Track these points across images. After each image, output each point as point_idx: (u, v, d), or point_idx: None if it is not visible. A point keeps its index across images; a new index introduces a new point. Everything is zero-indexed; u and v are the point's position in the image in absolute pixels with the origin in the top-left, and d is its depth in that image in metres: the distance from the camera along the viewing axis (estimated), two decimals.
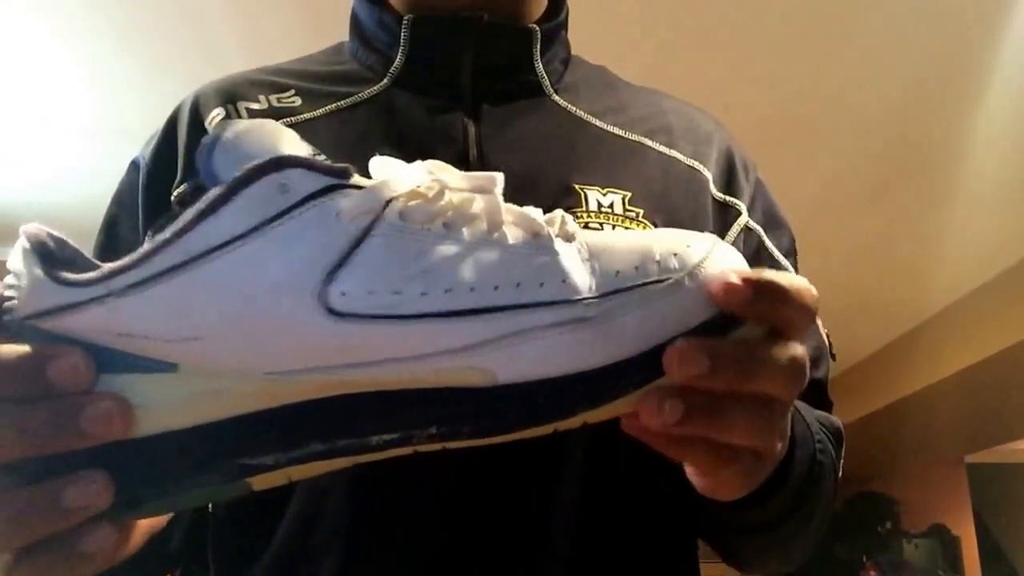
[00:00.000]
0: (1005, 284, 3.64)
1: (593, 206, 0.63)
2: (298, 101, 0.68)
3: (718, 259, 0.38)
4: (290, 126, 0.64)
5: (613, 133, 0.71)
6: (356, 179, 0.38)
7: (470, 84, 0.69)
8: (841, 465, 0.67)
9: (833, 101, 2.56)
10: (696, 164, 0.72)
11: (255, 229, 0.35)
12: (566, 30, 0.78)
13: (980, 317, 3.81)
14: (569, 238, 0.39)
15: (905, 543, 5.43)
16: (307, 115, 0.68)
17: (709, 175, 0.72)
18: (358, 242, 0.36)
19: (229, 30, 2.25)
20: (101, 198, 0.71)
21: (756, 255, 0.73)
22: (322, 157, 0.39)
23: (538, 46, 0.72)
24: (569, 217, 0.41)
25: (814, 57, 2.38)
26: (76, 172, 2.94)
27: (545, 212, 0.41)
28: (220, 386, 0.36)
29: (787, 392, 0.41)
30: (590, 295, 0.37)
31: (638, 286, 0.37)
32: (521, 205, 0.40)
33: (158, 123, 0.72)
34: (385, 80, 0.70)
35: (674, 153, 0.71)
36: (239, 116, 0.67)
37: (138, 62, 2.38)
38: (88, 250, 0.40)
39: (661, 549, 0.63)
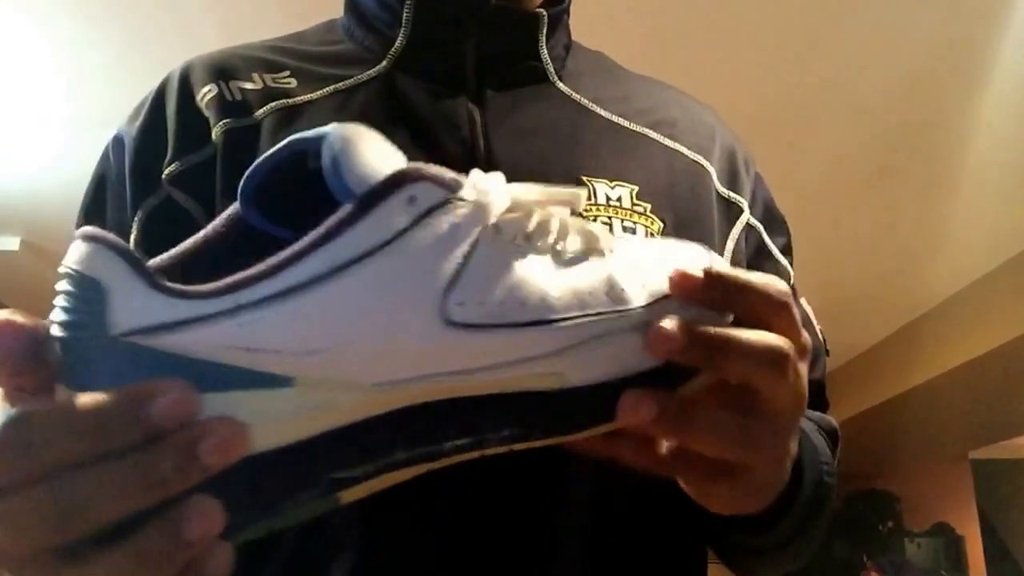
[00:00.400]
0: (1010, 273, 3.62)
1: (602, 199, 0.64)
2: (294, 82, 0.68)
3: None
4: (288, 109, 0.65)
5: (617, 123, 0.71)
6: (463, 189, 0.39)
7: (474, 69, 0.68)
8: (836, 465, 0.68)
9: (831, 86, 2.55)
10: (700, 159, 0.72)
11: (388, 243, 0.36)
12: (568, 15, 0.78)
13: (985, 308, 3.77)
14: (610, 249, 0.43)
15: (907, 542, 5.48)
16: (304, 97, 0.67)
17: (713, 170, 0.72)
18: (471, 253, 0.37)
19: (205, 12, 2.24)
20: (81, 187, 0.69)
21: (757, 254, 0.74)
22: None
23: (544, 31, 0.72)
24: (614, 232, 0.46)
25: (811, 41, 2.37)
26: (57, 161, 2.95)
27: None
28: (328, 399, 0.36)
29: (767, 382, 0.42)
30: (642, 303, 0.41)
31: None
32: None
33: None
34: (385, 62, 0.69)
35: (677, 146, 0.72)
36: (232, 95, 0.67)
37: (114, 49, 2.39)
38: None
39: (672, 557, 0.64)
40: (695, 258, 0.44)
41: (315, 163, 0.38)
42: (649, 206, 0.65)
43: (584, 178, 0.64)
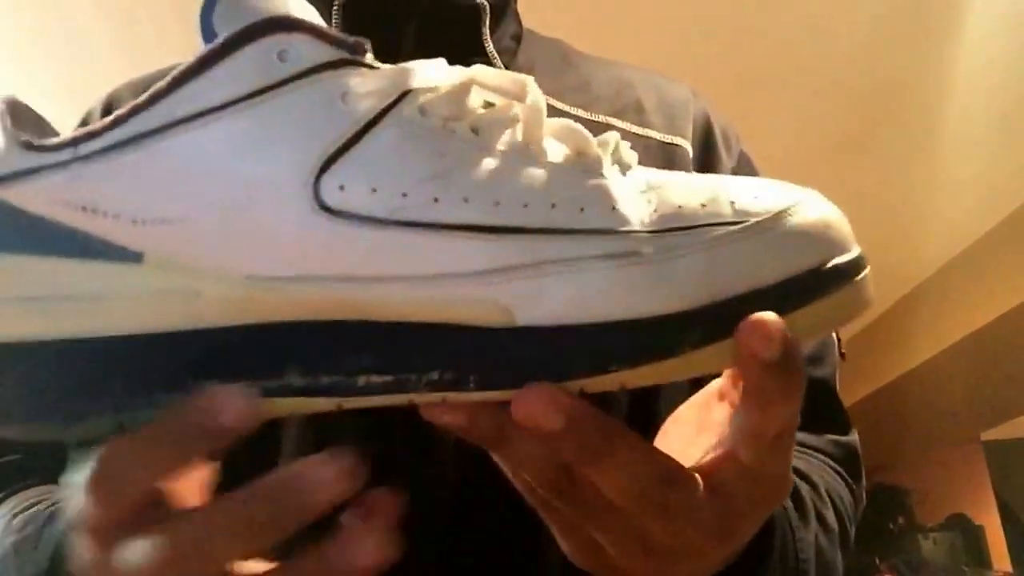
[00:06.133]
0: (1007, 233, 3.63)
1: None
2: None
3: (809, 209, 0.36)
4: None
5: (576, 116, 0.70)
6: (372, 59, 0.36)
7: None
8: (862, 493, 0.68)
9: (789, 50, 2.57)
10: (674, 139, 0.73)
11: (243, 99, 0.34)
12: (515, 2, 0.78)
13: (982, 274, 3.78)
14: (624, 167, 0.38)
15: (922, 539, 5.51)
16: None
17: (689, 149, 0.73)
18: (365, 130, 0.34)
19: (101, 31, 2.29)
20: None
21: None
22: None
23: (487, 23, 0.71)
24: (626, 144, 0.39)
25: (773, 2, 2.38)
26: None
27: None
28: (192, 286, 0.34)
29: (623, 500, 0.37)
30: (644, 229, 0.35)
31: (705, 225, 0.35)
32: None
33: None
34: None
35: (647, 132, 0.72)
36: None
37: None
38: None
39: None
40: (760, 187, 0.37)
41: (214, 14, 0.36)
42: None
43: None
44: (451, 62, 0.66)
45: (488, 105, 0.38)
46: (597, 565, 0.41)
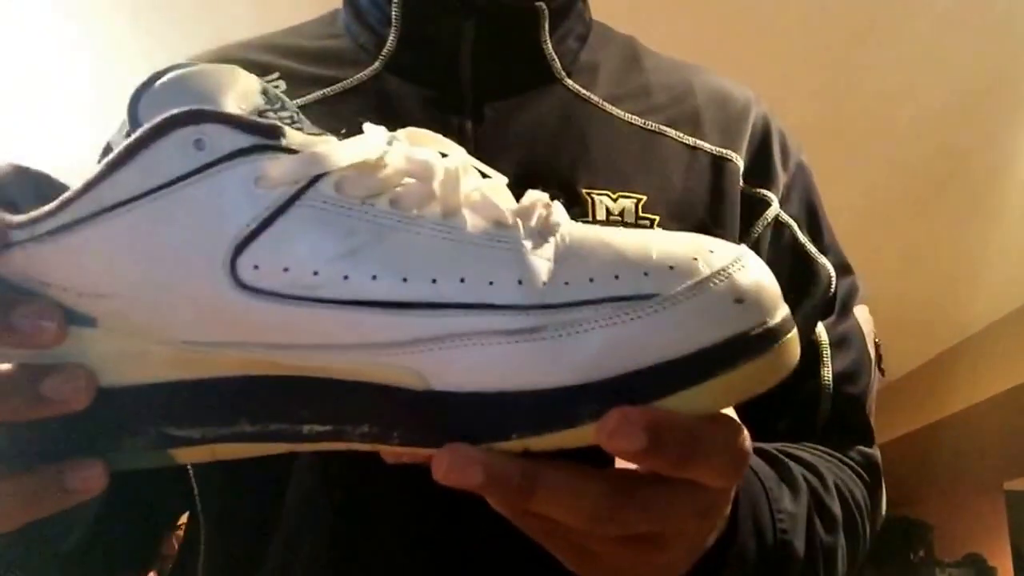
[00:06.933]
0: None
1: (601, 214, 0.61)
2: (282, 86, 0.65)
3: (722, 282, 0.33)
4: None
5: (630, 123, 0.67)
6: (291, 140, 0.36)
7: (470, 71, 0.65)
8: (881, 500, 0.67)
9: (872, 111, 2.60)
10: (725, 152, 0.68)
11: (164, 186, 0.34)
12: (584, 1, 0.74)
13: (1023, 337, 3.88)
14: (548, 231, 0.36)
15: (939, 572, 5.49)
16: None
17: (741, 163, 0.68)
18: (278, 214, 0.35)
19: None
20: None
21: (787, 254, 0.68)
22: (288, 112, 0.39)
23: (546, 26, 0.68)
24: (558, 205, 0.38)
25: (853, 65, 2.41)
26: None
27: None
28: (142, 348, 0.36)
29: (721, 483, 0.36)
30: (550, 302, 0.34)
31: (613, 300, 0.33)
32: None
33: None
34: (376, 63, 0.67)
35: (700, 143, 0.68)
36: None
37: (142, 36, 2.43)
38: None
39: None
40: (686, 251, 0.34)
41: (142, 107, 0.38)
42: (658, 218, 0.62)
43: (583, 191, 0.61)
44: (508, 64, 0.66)
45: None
46: (595, 570, 0.40)
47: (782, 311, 0.34)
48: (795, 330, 0.35)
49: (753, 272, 0.34)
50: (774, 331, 0.33)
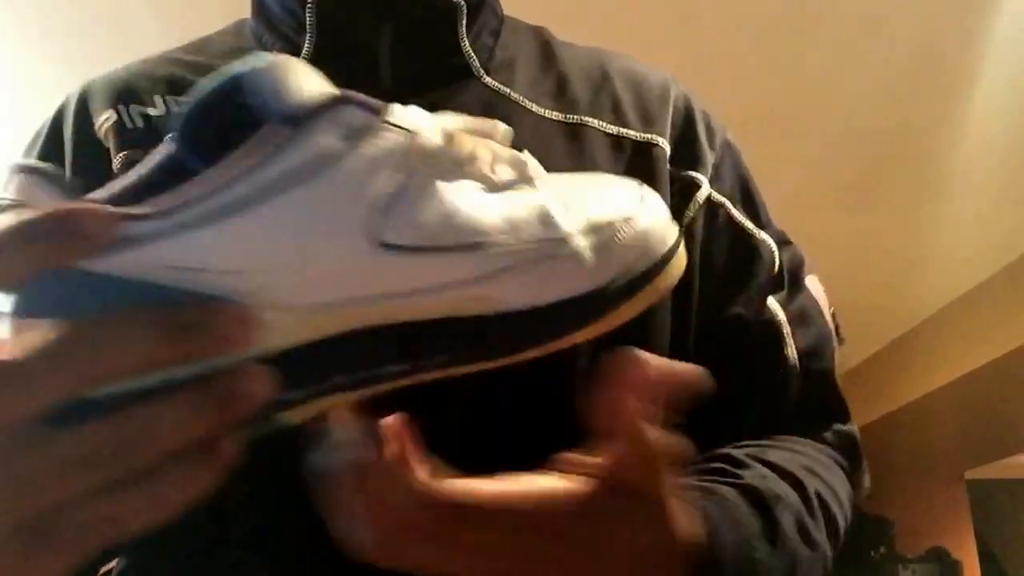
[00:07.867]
0: (1006, 282, 3.70)
1: None
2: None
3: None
4: None
5: (551, 119, 0.69)
6: (398, 119, 0.41)
7: (390, 72, 0.67)
8: (863, 478, 0.71)
9: (810, 91, 2.60)
10: (650, 137, 0.70)
11: (322, 164, 0.38)
12: None
13: (979, 319, 3.87)
14: (536, 178, 0.45)
15: (901, 569, 5.45)
16: None
17: (667, 147, 0.70)
18: (405, 179, 0.40)
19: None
20: None
21: (723, 234, 0.71)
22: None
23: (463, 22, 0.70)
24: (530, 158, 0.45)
25: (789, 45, 2.42)
26: None
27: None
28: (266, 318, 0.38)
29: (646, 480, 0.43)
30: (573, 231, 0.43)
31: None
32: None
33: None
34: None
35: (623, 131, 0.70)
36: (132, 122, 0.66)
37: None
38: None
39: None
40: (627, 196, 0.46)
41: (247, 97, 0.40)
42: None
43: None
44: (428, 62, 0.68)
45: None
46: None
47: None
48: None
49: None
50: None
